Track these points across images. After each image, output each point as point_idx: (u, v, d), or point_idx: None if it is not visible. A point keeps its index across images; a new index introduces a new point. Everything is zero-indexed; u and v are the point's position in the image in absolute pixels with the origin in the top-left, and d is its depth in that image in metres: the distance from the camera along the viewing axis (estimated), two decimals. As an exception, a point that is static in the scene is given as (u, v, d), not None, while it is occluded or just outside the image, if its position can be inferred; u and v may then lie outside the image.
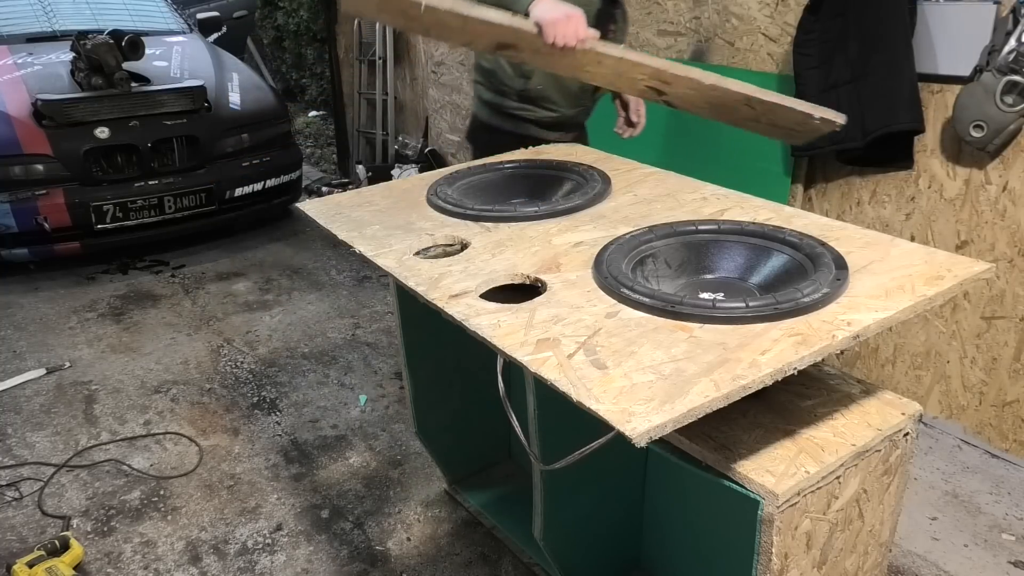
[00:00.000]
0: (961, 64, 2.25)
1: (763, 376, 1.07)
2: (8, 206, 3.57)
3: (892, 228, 2.55)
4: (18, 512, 2.31)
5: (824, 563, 1.34)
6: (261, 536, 2.20)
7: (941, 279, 1.30)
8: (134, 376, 3.06)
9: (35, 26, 4.60)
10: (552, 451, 1.51)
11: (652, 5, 3.12)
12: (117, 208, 3.77)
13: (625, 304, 1.27)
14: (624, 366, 1.10)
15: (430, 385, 2.11)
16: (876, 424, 1.34)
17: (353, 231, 1.67)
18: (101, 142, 3.74)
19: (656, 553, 1.89)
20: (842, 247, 1.41)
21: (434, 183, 1.88)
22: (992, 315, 2.36)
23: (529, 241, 1.55)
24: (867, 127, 2.42)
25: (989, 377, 2.41)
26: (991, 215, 2.31)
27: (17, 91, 3.85)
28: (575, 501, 1.71)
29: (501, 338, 1.20)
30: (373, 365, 3.10)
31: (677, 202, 1.72)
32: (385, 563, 2.10)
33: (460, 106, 4.43)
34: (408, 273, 1.45)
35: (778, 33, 2.69)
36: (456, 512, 2.27)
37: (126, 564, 2.12)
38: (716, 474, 1.25)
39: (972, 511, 2.23)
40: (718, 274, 1.47)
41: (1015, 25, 2.10)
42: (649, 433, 0.97)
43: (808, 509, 1.24)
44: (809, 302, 1.21)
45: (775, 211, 1.63)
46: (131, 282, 3.94)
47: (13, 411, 2.83)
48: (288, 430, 2.70)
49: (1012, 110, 2.11)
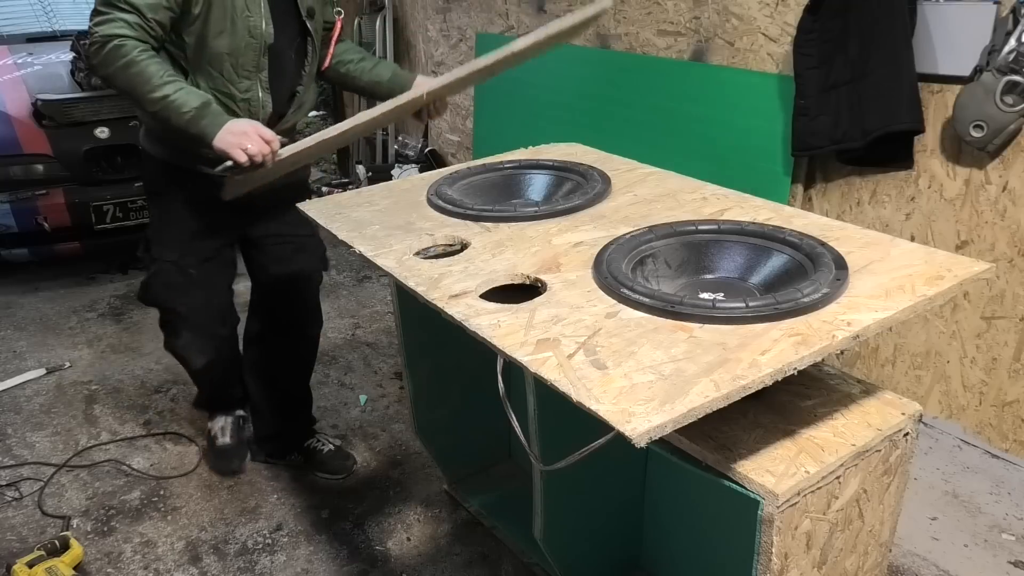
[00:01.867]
0: (961, 64, 2.25)
1: (763, 376, 1.07)
2: (8, 206, 3.56)
3: (892, 228, 2.55)
4: (18, 512, 2.31)
5: (824, 563, 1.33)
6: (261, 536, 2.20)
7: (941, 279, 1.30)
8: (134, 376, 3.06)
9: (35, 26, 4.59)
10: (552, 451, 1.51)
11: (652, 5, 3.12)
12: (117, 208, 3.77)
13: (625, 304, 1.27)
14: (624, 366, 1.10)
15: (430, 385, 2.11)
16: (876, 424, 1.33)
17: (353, 231, 1.67)
18: (101, 142, 3.73)
19: (656, 553, 1.89)
20: (842, 247, 1.40)
21: (434, 183, 1.88)
22: (992, 315, 2.36)
23: (529, 241, 1.55)
24: (867, 127, 2.42)
25: (989, 377, 2.41)
26: (991, 215, 2.31)
27: (17, 91, 3.85)
28: (575, 501, 1.71)
29: (501, 338, 1.20)
30: (373, 365, 3.10)
31: (677, 202, 1.72)
32: (385, 563, 2.10)
33: (460, 106, 4.43)
34: (408, 273, 1.45)
35: (778, 33, 2.69)
36: (456, 512, 2.27)
37: (126, 564, 2.12)
38: (716, 474, 1.25)
39: (972, 511, 2.23)
40: (718, 274, 1.47)
41: (1015, 25, 2.10)
42: (649, 433, 0.97)
43: (808, 509, 1.23)
44: (809, 302, 1.21)
45: (775, 211, 1.63)
46: (131, 282, 3.94)
47: (13, 411, 2.83)
48: (288, 430, 2.70)
49: (1012, 110, 2.11)
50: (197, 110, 1.74)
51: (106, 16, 1.72)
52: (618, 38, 3.31)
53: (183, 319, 2.17)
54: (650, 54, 3.18)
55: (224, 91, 1.89)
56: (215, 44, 1.83)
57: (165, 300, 2.17)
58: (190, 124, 1.75)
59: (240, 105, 1.92)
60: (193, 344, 2.19)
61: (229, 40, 1.84)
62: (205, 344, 2.22)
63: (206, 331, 2.21)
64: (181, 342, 2.20)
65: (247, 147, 1.73)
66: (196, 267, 2.11)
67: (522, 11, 3.80)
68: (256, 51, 1.88)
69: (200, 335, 2.21)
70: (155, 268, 2.13)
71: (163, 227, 2.10)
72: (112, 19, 1.71)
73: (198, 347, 2.21)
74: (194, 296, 2.14)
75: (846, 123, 2.44)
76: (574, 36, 2.15)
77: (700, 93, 2.98)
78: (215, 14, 1.81)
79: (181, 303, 2.15)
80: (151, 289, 2.16)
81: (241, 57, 1.87)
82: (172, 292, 2.13)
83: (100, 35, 1.71)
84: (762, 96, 2.75)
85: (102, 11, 1.72)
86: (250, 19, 1.84)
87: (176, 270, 2.10)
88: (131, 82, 1.73)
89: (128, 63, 1.71)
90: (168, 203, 2.08)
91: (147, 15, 1.73)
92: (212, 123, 1.75)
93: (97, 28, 1.71)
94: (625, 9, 3.24)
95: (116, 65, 1.71)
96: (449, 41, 4.41)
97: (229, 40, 1.84)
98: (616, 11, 3.29)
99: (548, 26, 1.81)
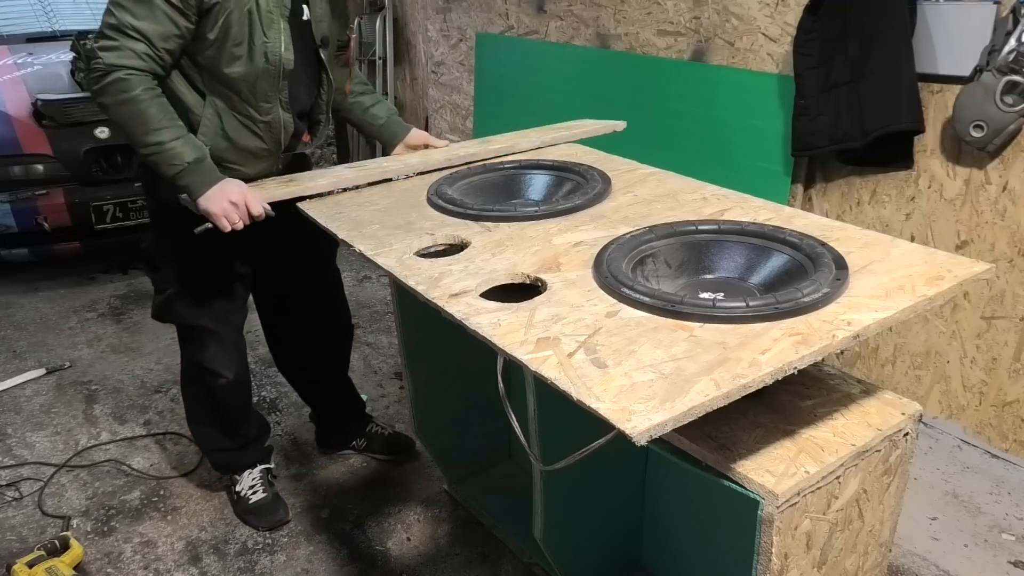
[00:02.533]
0: (961, 64, 2.25)
1: (763, 375, 1.07)
2: (8, 206, 3.57)
3: (892, 228, 2.55)
4: (18, 512, 2.31)
5: (824, 563, 1.33)
6: (261, 536, 2.20)
7: (941, 279, 1.30)
8: (134, 376, 3.06)
9: (35, 26, 4.59)
10: (552, 451, 1.51)
11: (652, 5, 3.12)
12: (117, 208, 3.77)
13: (625, 303, 1.27)
14: (624, 365, 1.10)
15: (430, 385, 2.11)
16: (876, 424, 1.33)
17: (353, 230, 1.67)
18: (101, 142, 3.73)
19: (656, 553, 1.89)
20: (842, 247, 1.40)
21: (434, 183, 1.88)
22: (992, 315, 2.36)
23: (529, 241, 1.55)
24: (867, 127, 2.42)
25: (989, 377, 2.41)
26: (991, 215, 2.31)
27: (17, 91, 3.85)
28: (575, 501, 1.71)
29: (501, 337, 1.19)
30: (373, 365, 3.10)
31: (677, 202, 1.72)
32: (385, 563, 2.10)
33: (460, 106, 4.43)
34: (408, 272, 1.45)
35: (778, 33, 2.69)
36: (456, 512, 2.27)
37: (126, 564, 2.12)
38: (716, 474, 1.25)
39: (972, 511, 2.23)
40: (718, 274, 1.47)
41: (1015, 25, 2.10)
42: (649, 432, 0.97)
43: (808, 509, 1.23)
44: (809, 302, 1.21)
45: (775, 211, 1.63)
46: (131, 282, 3.94)
47: (13, 411, 2.83)
48: (288, 430, 2.70)
49: (1012, 110, 2.11)
50: (190, 165, 1.71)
51: (112, 43, 1.66)
52: (618, 38, 3.31)
53: (210, 332, 2.09)
54: (650, 54, 3.18)
55: (243, 113, 1.84)
56: (230, 70, 1.77)
57: (190, 317, 2.09)
58: (178, 177, 1.72)
59: (261, 127, 1.87)
60: (219, 357, 2.11)
61: (245, 66, 1.78)
62: (231, 356, 2.15)
63: (230, 341, 2.14)
64: (208, 354, 2.11)
65: (234, 221, 1.73)
66: (217, 281, 2.06)
67: (522, 11, 3.80)
68: (274, 76, 1.83)
69: (226, 347, 2.13)
70: (176, 289, 2.06)
71: (184, 247, 1.99)
72: (119, 47, 1.65)
73: (224, 360, 2.12)
74: (217, 308, 2.08)
75: (846, 123, 2.44)
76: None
77: (700, 93, 2.98)
78: (231, 40, 1.74)
79: (207, 318, 2.07)
80: (173, 310, 2.09)
81: (259, 82, 1.81)
82: (199, 309, 2.07)
83: (104, 63, 1.65)
84: (762, 96, 2.75)
85: (110, 36, 1.66)
86: (268, 45, 1.78)
87: (201, 289, 2.05)
88: (127, 120, 1.69)
89: (128, 100, 1.67)
90: (184, 223, 1.92)
91: (157, 44, 1.68)
92: (203, 181, 1.72)
93: (102, 55, 1.65)
94: (625, 9, 3.24)
95: (116, 98, 1.67)
96: (449, 41, 4.41)
97: (245, 66, 1.78)
98: (616, 11, 3.29)
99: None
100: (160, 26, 1.67)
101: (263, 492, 2.27)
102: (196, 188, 1.73)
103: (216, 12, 1.71)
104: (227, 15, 1.72)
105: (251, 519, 2.25)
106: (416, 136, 2.18)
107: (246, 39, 1.76)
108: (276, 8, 1.79)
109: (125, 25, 1.66)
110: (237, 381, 2.16)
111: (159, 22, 1.67)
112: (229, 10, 1.72)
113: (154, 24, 1.67)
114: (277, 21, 1.79)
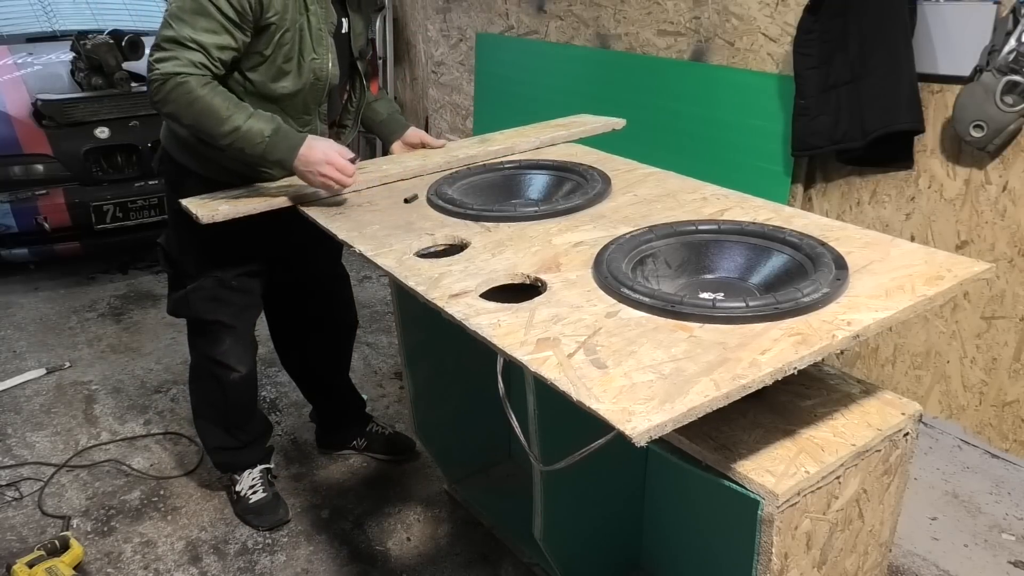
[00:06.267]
0: (961, 64, 2.25)
1: (763, 375, 1.07)
2: (8, 206, 3.56)
3: (892, 228, 2.55)
4: (18, 512, 2.31)
5: (824, 563, 1.33)
6: (261, 536, 2.20)
7: (941, 279, 1.30)
8: (134, 376, 3.06)
9: (35, 26, 4.59)
10: (552, 451, 1.51)
11: (652, 5, 3.12)
12: (117, 208, 3.77)
13: (625, 304, 1.27)
14: (624, 365, 1.10)
15: (430, 385, 2.11)
16: (876, 424, 1.33)
17: (353, 231, 1.67)
18: (101, 142, 3.73)
19: (656, 553, 1.89)
20: (842, 247, 1.40)
21: (434, 183, 1.88)
22: (992, 315, 2.36)
23: (529, 241, 1.55)
24: (867, 127, 2.42)
25: (989, 377, 2.41)
26: (991, 215, 2.31)
27: (17, 91, 3.84)
28: (575, 501, 1.71)
29: (501, 338, 1.20)
30: (373, 365, 3.10)
31: (677, 202, 1.72)
32: (385, 563, 2.10)
33: (460, 106, 4.43)
34: (408, 273, 1.45)
35: (778, 33, 2.69)
36: (456, 512, 2.27)
37: (126, 564, 2.12)
38: (716, 474, 1.25)
39: (972, 511, 2.23)
40: (718, 274, 1.47)
41: (1015, 25, 2.10)
42: (649, 432, 0.97)
43: (808, 509, 1.23)
44: (809, 302, 1.21)
45: (775, 211, 1.63)
46: (131, 282, 3.94)
47: (13, 411, 2.83)
48: (288, 430, 2.70)
49: (1012, 110, 2.11)
50: (270, 137, 1.72)
51: (168, 53, 1.68)
52: (618, 38, 3.31)
53: (227, 327, 2.10)
54: (650, 54, 3.18)
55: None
56: (277, 85, 1.80)
57: (207, 312, 2.09)
58: (266, 152, 1.73)
59: None
60: (233, 351, 2.13)
61: (293, 82, 1.80)
62: (245, 350, 2.16)
63: (245, 336, 2.16)
64: (224, 348, 2.12)
65: (331, 185, 1.76)
66: (237, 278, 2.07)
67: (522, 11, 3.80)
68: (320, 91, 1.86)
69: (240, 342, 2.14)
70: (196, 284, 2.07)
71: (203, 243, 1.98)
72: (176, 58, 1.67)
73: (238, 354, 2.14)
74: (235, 303, 2.09)
75: (846, 123, 2.44)
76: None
77: (700, 93, 2.98)
78: (283, 56, 1.77)
79: (224, 313, 2.09)
80: (191, 304, 2.09)
81: (306, 96, 1.85)
82: (216, 304, 2.07)
83: (160, 72, 1.67)
84: (762, 96, 2.75)
85: (165, 48, 1.68)
86: (316, 61, 1.80)
87: (218, 284, 2.05)
88: (199, 119, 1.70)
89: (193, 100, 1.68)
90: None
91: (213, 54, 1.70)
92: (289, 146, 1.73)
93: (159, 65, 1.67)
94: (625, 9, 3.24)
95: (180, 103, 1.68)
96: (449, 41, 4.41)
97: (293, 82, 1.80)
98: (616, 11, 3.29)
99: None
100: (218, 38, 1.69)
101: (263, 492, 2.27)
102: (287, 156, 1.74)
103: (272, 30, 1.74)
104: (282, 33, 1.75)
105: (251, 519, 2.25)
106: (413, 134, 2.20)
107: (296, 55, 1.79)
108: (325, 25, 1.81)
109: (184, 37, 1.68)
110: (249, 376, 2.18)
111: (217, 34, 1.69)
112: (284, 28, 1.74)
113: (213, 36, 1.69)
114: (326, 37, 1.82)
